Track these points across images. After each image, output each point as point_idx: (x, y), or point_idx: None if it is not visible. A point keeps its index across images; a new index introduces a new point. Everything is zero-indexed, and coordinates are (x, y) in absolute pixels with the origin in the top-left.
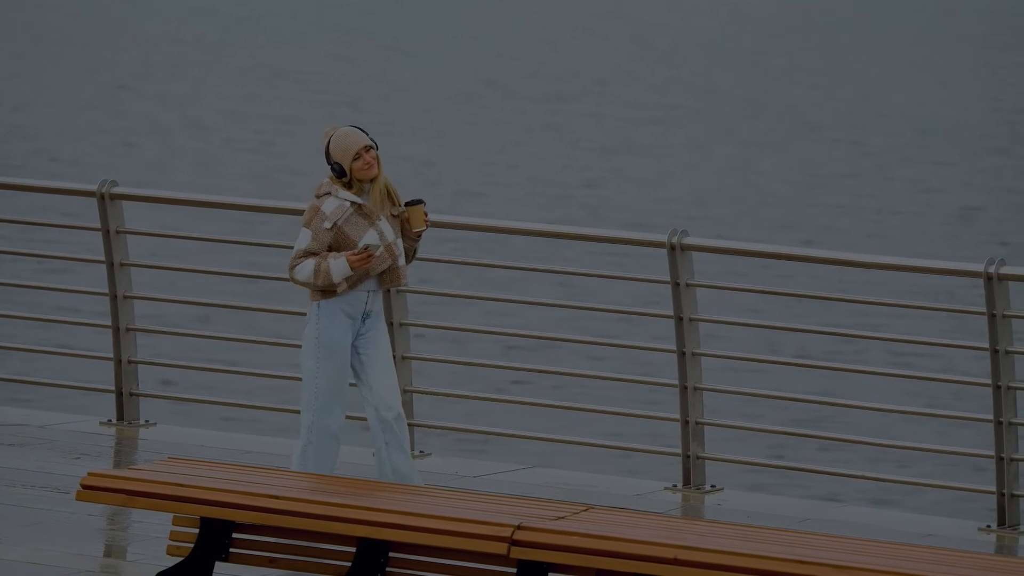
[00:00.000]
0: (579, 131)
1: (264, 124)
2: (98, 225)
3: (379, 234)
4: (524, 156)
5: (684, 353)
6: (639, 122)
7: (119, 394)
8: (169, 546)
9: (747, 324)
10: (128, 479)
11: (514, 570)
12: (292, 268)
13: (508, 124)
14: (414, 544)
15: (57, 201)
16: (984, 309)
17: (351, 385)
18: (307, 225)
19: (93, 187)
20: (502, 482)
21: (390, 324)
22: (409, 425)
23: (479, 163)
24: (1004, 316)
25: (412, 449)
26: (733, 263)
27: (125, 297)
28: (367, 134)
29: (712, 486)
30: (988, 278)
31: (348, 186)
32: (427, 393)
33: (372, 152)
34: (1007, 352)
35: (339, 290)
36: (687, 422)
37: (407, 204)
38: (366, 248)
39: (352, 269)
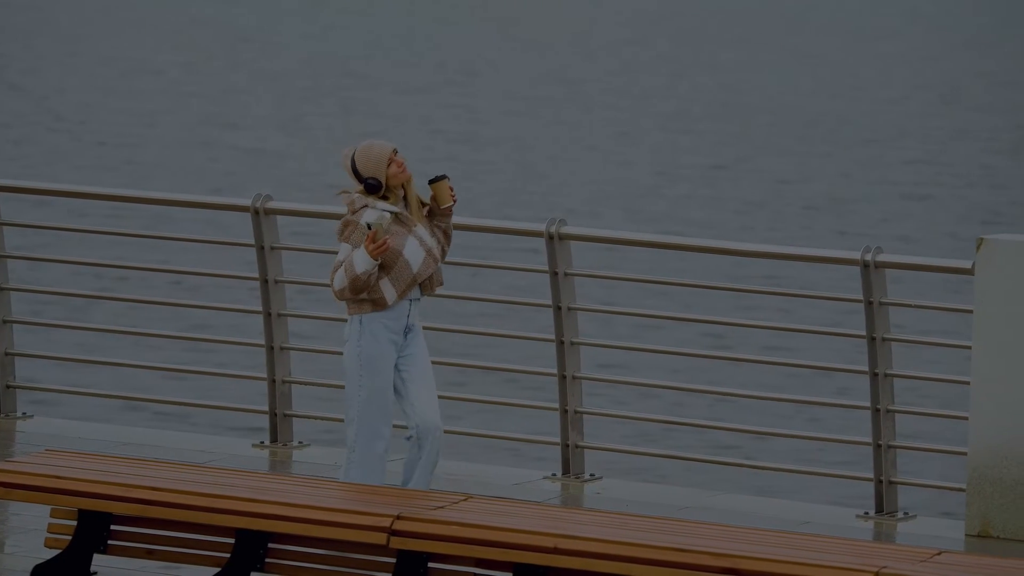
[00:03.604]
0: (445, 122)
1: (123, 117)
2: None
3: (418, 241)
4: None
5: (563, 342)
6: (506, 113)
7: None
8: (47, 538)
9: (625, 313)
10: (5, 471)
11: (394, 560)
12: (333, 283)
13: (375, 116)
14: (293, 535)
15: None
16: (861, 297)
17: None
18: (346, 239)
19: None
20: None
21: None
22: (287, 416)
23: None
24: (881, 304)
25: (291, 440)
26: (607, 257)
27: (2, 289)
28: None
29: (591, 475)
30: (865, 266)
31: (384, 198)
32: (307, 384)
33: (399, 154)
34: (884, 339)
35: (390, 301)
36: (566, 411)
37: (430, 181)
38: (369, 228)
39: (373, 257)
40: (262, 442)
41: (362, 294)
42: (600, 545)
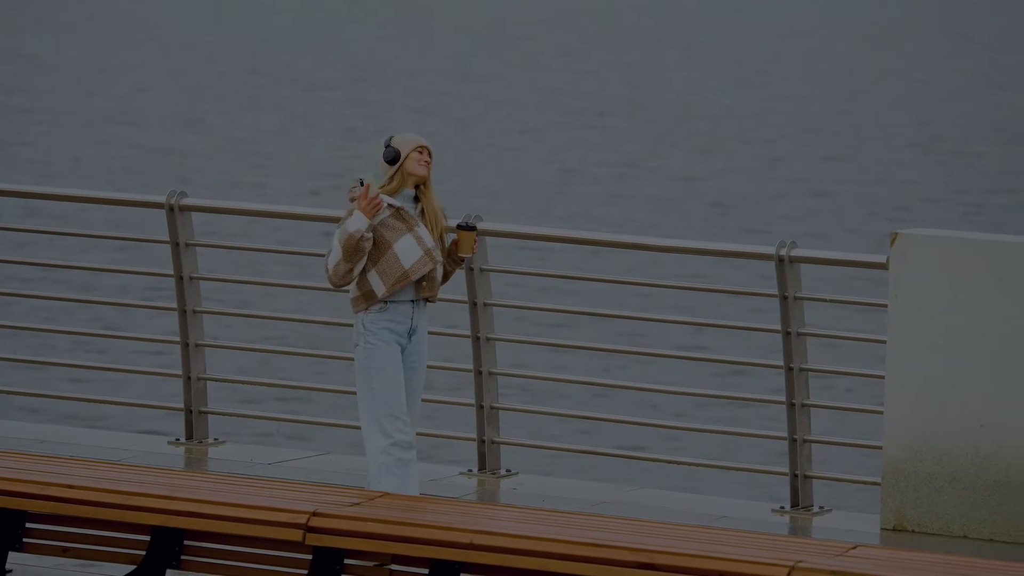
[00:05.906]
0: (352, 119)
1: (26, 116)
2: None
3: (416, 240)
4: (298, 145)
5: (479, 338)
6: (412, 109)
7: None
8: None
9: (541, 308)
10: None
11: (310, 556)
12: (327, 266)
13: (282, 113)
14: (209, 532)
15: None
16: (776, 291)
17: None
18: (348, 215)
19: None
20: (297, 469)
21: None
22: (203, 413)
23: (251, 154)
24: (796, 298)
25: (207, 437)
26: (519, 256)
27: None
28: None
29: (508, 470)
30: (780, 260)
31: (390, 182)
32: (222, 380)
33: (430, 156)
34: (799, 334)
35: (379, 294)
36: (482, 407)
37: (459, 227)
38: (361, 183)
39: (366, 214)
40: (177, 439)
41: (352, 266)
42: (516, 541)
